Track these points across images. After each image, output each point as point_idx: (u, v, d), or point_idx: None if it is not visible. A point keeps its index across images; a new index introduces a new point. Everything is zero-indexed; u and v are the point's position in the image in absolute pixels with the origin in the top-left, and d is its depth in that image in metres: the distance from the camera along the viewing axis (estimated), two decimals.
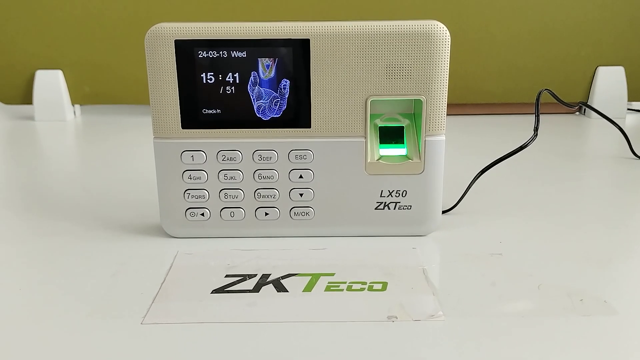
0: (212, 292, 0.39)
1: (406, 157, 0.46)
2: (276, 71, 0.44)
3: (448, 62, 0.44)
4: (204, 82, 0.44)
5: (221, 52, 0.43)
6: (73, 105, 1.02)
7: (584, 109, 1.02)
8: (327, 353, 0.32)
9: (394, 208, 0.47)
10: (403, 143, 0.46)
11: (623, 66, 0.99)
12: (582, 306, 0.37)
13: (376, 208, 0.47)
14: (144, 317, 0.36)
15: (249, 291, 0.39)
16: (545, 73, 0.99)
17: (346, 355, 0.32)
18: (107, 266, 0.43)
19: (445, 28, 0.43)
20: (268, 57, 0.43)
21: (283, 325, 0.35)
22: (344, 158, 0.45)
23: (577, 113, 1.04)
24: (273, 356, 0.32)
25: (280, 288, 0.39)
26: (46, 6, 0.95)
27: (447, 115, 0.45)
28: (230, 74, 0.44)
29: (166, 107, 0.44)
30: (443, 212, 0.50)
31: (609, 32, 0.97)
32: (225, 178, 0.46)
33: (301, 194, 0.46)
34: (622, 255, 0.45)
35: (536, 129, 0.52)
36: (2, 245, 0.47)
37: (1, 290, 0.40)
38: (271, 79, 0.44)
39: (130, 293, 0.39)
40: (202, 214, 0.47)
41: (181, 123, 0.45)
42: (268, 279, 0.41)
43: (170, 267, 0.43)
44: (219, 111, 0.44)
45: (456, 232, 0.49)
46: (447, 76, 0.44)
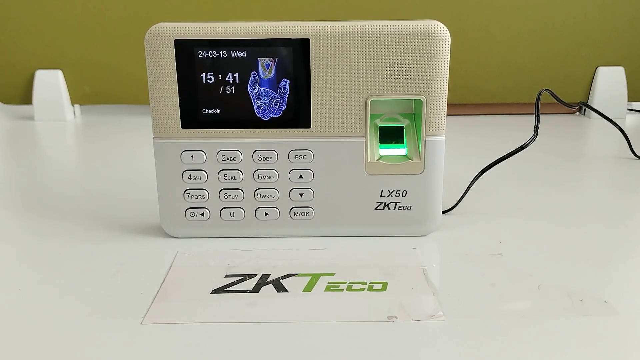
0: (212, 292, 0.39)
1: (406, 157, 0.46)
2: (276, 71, 0.44)
3: (448, 62, 0.44)
4: (204, 82, 0.44)
5: (221, 52, 0.43)
6: (73, 105, 1.02)
7: (584, 109, 1.02)
8: (327, 353, 0.32)
9: (394, 208, 0.47)
10: (403, 143, 0.46)
11: (623, 66, 0.99)
12: (582, 306, 0.37)
13: (376, 208, 0.47)
14: (144, 317, 0.36)
15: (249, 291, 0.39)
16: (545, 73, 0.99)
17: (346, 355, 0.32)
18: (107, 266, 0.43)
19: (445, 28, 0.43)
20: (268, 57, 0.43)
21: (283, 325, 0.35)
22: (344, 158, 0.45)
23: (577, 113, 1.04)
24: (273, 356, 0.32)
25: (280, 288, 0.39)
26: (46, 6, 0.95)
27: (447, 115, 0.45)
28: (230, 74, 0.44)
29: (166, 107, 0.44)
30: (443, 212, 0.50)
31: (609, 32, 0.97)
32: (225, 178, 0.46)
33: (301, 194, 0.46)
34: (622, 255, 0.45)
35: (536, 129, 0.52)
36: (2, 245, 0.47)
37: (1, 290, 0.40)
38: (271, 79, 0.44)
39: (130, 293, 0.39)
40: (202, 214, 0.47)
41: (181, 123, 0.45)
42: (268, 279, 0.41)
43: (170, 267, 0.43)
44: (219, 111, 0.44)
45: (456, 232, 0.49)
46: (447, 76, 0.44)
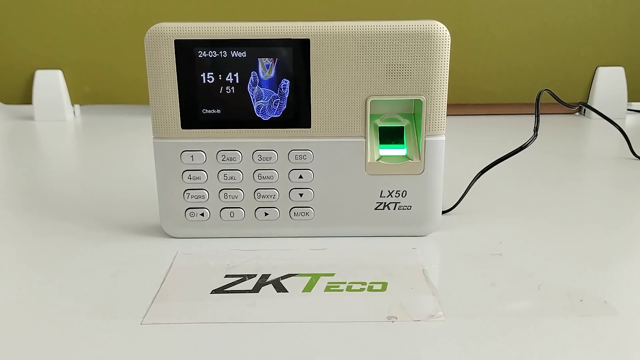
0: (212, 292, 0.39)
1: (406, 157, 0.46)
2: (276, 71, 0.44)
3: (448, 62, 0.44)
4: (204, 82, 0.44)
5: (221, 52, 0.43)
6: (73, 105, 1.02)
7: (584, 110, 1.02)
8: (327, 353, 0.32)
9: (394, 208, 0.47)
10: (403, 143, 0.46)
11: (623, 66, 0.99)
12: (582, 306, 0.37)
13: (376, 208, 0.47)
14: (144, 317, 0.36)
15: (249, 291, 0.39)
16: (545, 73, 0.99)
17: (346, 355, 0.32)
18: (107, 266, 0.43)
19: (445, 28, 0.43)
20: (268, 57, 0.43)
21: (283, 325, 0.35)
22: (344, 158, 0.45)
23: (577, 113, 1.04)
24: (273, 356, 0.32)
25: (279, 288, 0.39)
26: (46, 6, 0.95)
27: (447, 115, 0.45)
28: (230, 74, 0.44)
29: (166, 107, 0.44)
30: (443, 212, 0.50)
31: (609, 33, 0.97)
32: (225, 178, 0.46)
33: (301, 194, 0.46)
34: (622, 255, 0.45)
35: (536, 129, 0.52)
36: (2, 245, 0.47)
37: (1, 290, 0.40)
38: (271, 79, 0.44)
39: (129, 293, 0.39)
40: (202, 214, 0.47)
41: (181, 123, 0.45)
42: (268, 279, 0.41)
43: (169, 267, 0.43)
44: (219, 111, 0.44)
45: (456, 232, 0.49)
46: (447, 76, 0.44)
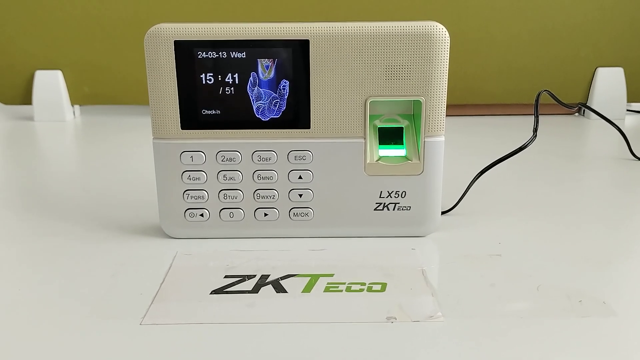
0: (211, 293, 0.39)
1: (405, 158, 0.46)
2: (275, 72, 0.44)
3: (447, 63, 0.44)
4: (204, 83, 0.44)
5: (220, 53, 0.43)
6: (72, 105, 1.02)
7: (583, 110, 1.02)
8: (326, 354, 0.32)
9: (393, 209, 0.47)
10: (402, 144, 0.46)
11: (622, 67, 0.99)
12: (581, 307, 0.37)
13: (375, 209, 0.47)
14: (143, 318, 0.36)
15: (248, 292, 0.39)
16: (544, 74, 0.99)
17: (345, 356, 0.32)
18: (107, 267, 0.43)
19: (444, 29, 0.43)
20: (267, 58, 0.43)
21: (282, 326, 0.35)
22: (344, 159, 0.45)
23: (577, 114, 1.04)
24: (272, 357, 0.32)
25: (279, 289, 0.39)
26: (46, 6, 0.95)
27: (447, 116, 0.45)
28: (229, 75, 0.44)
29: (165, 108, 0.44)
30: (442, 213, 0.50)
31: (609, 33, 0.97)
32: (224, 179, 0.46)
33: (300, 195, 0.46)
34: (622, 256, 0.45)
35: (535, 130, 0.52)
36: (2, 245, 0.47)
37: (1, 290, 0.40)
38: (270, 80, 0.44)
39: (129, 294, 0.39)
40: (202, 215, 0.47)
41: (180, 124, 0.45)
42: (267, 280, 0.41)
43: (169, 268, 0.43)
44: (219, 112, 0.44)
45: (455, 233, 0.49)
46: (447, 77, 0.44)
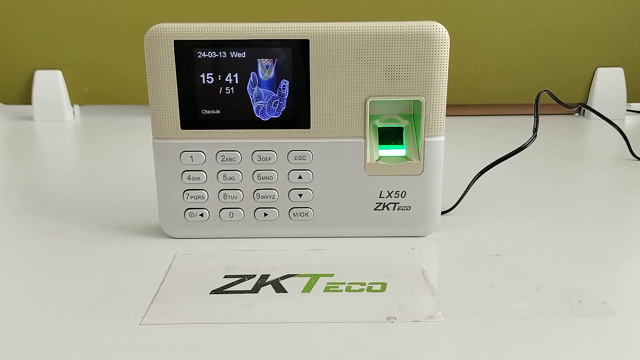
0: (211, 293, 0.39)
1: (405, 158, 0.46)
2: (275, 72, 0.44)
3: (447, 63, 0.44)
4: (203, 83, 0.44)
5: (220, 53, 0.43)
6: (72, 105, 1.02)
7: (583, 110, 1.02)
8: (326, 354, 0.32)
9: (393, 209, 0.47)
10: (402, 144, 0.46)
11: (622, 67, 0.99)
12: (581, 307, 0.37)
13: (375, 209, 0.47)
14: (143, 318, 0.36)
15: (248, 292, 0.39)
16: (544, 74, 0.99)
17: (345, 356, 0.32)
18: (106, 267, 0.43)
19: (444, 29, 0.43)
20: (267, 58, 0.43)
21: (282, 326, 0.35)
22: (343, 159, 0.45)
23: (577, 114, 1.04)
24: (272, 357, 0.32)
25: (279, 289, 0.39)
26: (46, 6, 0.95)
27: (447, 116, 0.45)
28: (229, 75, 0.44)
29: (165, 108, 0.44)
30: (442, 213, 0.50)
31: (609, 34, 0.97)
32: (224, 179, 0.46)
33: (300, 195, 0.46)
34: (621, 256, 0.45)
35: (535, 130, 0.52)
36: (2, 245, 0.47)
37: (0, 290, 0.40)
38: (270, 80, 0.44)
39: (129, 294, 0.39)
40: (201, 215, 0.47)
41: (180, 123, 0.45)
42: (267, 280, 0.41)
43: (169, 268, 0.43)
44: (218, 112, 0.44)
45: (455, 233, 0.49)
46: (447, 77, 0.44)
